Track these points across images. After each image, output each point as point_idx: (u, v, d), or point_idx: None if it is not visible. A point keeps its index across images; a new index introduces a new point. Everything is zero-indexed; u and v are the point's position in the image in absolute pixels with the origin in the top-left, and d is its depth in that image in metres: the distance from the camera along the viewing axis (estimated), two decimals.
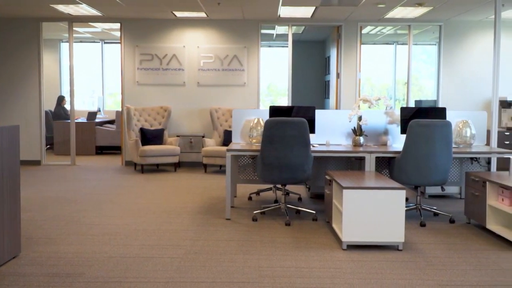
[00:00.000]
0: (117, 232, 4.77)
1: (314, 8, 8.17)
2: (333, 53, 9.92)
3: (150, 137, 8.88)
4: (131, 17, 9.13)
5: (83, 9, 8.41)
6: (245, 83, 9.34)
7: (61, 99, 11.71)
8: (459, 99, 9.24)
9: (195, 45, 9.34)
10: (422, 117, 5.58)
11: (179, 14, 8.84)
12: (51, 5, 8.05)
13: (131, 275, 3.64)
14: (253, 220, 5.28)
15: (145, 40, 9.34)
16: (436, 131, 5.07)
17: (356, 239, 4.29)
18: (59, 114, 11.47)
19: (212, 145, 8.73)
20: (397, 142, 5.97)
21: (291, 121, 5.07)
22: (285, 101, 9.91)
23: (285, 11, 8.45)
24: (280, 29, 10.64)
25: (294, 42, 9.66)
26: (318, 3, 7.75)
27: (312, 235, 4.76)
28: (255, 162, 5.97)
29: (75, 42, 9.70)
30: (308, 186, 6.75)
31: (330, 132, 6.02)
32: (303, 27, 10.84)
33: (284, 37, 9.98)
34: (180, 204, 6.10)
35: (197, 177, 8.23)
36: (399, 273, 3.74)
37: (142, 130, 8.92)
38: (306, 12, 8.51)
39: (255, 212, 5.42)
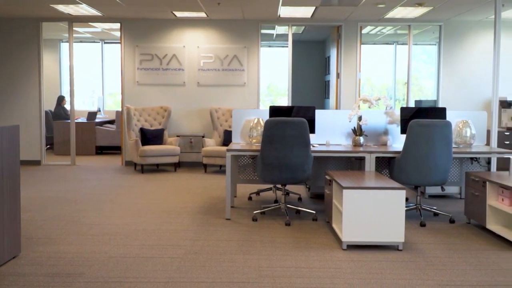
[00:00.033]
0: (117, 232, 4.77)
1: (314, 8, 8.17)
2: (333, 53, 9.92)
3: (150, 137, 8.88)
4: (131, 17, 9.13)
5: (83, 9, 8.41)
6: (245, 83, 9.34)
7: (61, 99, 11.71)
8: (459, 99, 9.24)
9: (195, 45, 9.34)
10: (422, 117, 5.58)
11: (179, 14, 8.84)
12: (51, 5, 8.05)
13: (131, 275, 3.64)
14: (253, 220, 5.28)
15: (145, 40, 9.34)
16: (436, 131, 5.07)
17: (356, 239, 4.30)
18: (59, 114, 11.47)
19: (212, 145, 8.73)
20: (397, 142, 5.97)
21: (291, 121, 5.07)
22: (285, 101, 9.91)
23: (285, 11, 8.45)
24: (280, 29, 10.64)
25: (294, 42, 9.66)
26: (318, 3, 7.75)
27: (312, 235, 4.76)
28: (255, 162, 5.96)
29: (75, 42, 9.70)
30: (308, 186, 6.75)
31: (330, 132, 6.02)
32: (303, 27, 10.84)
33: (284, 37, 9.98)
34: (180, 204, 6.10)
35: (197, 177, 8.23)
36: (399, 273, 3.74)
37: (142, 130, 8.92)
38: (306, 12, 8.51)
39: (255, 212, 5.42)
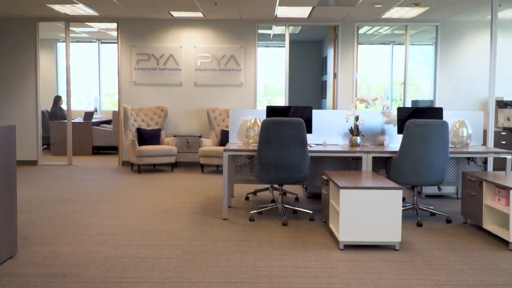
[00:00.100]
0: (113, 232, 4.76)
1: (311, 8, 8.17)
2: (330, 53, 9.93)
3: (147, 137, 8.87)
4: (127, 17, 9.11)
5: (80, 9, 8.39)
6: (242, 83, 9.34)
7: (57, 99, 11.69)
8: (455, 99, 9.26)
9: (192, 45, 9.33)
10: (418, 117, 5.59)
11: (176, 14, 8.83)
12: (48, 5, 8.04)
13: (128, 275, 3.63)
14: (250, 220, 5.27)
15: (142, 40, 9.33)
16: (432, 131, 5.07)
17: (353, 239, 4.30)
18: (55, 114, 11.44)
19: (209, 145, 8.73)
20: (394, 142, 5.98)
21: (288, 121, 5.07)
22: (282, 101, 9.91)
23: (282, 11, 8.46)
24: (277, 29, 10.64)
25: (291, 42, 9.66)
26: (315, 3, 7.76)
27: (309, 235, 4.76)
28: (252, 162, 5.96)
29: (71, 42, 9.68)
30: (305, 186, 6.75)
31: (327, 132, 6.03)
32: (300, 27, 10.84)
33: (281, 37, 9.98)
34: (177, 204, 6.09)
35: (194, 177, 8.22)
36: (396, 273, 3.75)
37: (139, 130, 8.91)
38: (303, 12, 8.51)
39: (252, 212, 5.42)
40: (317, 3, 7.73)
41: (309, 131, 5.77)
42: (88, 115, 11.37)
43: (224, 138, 8.72)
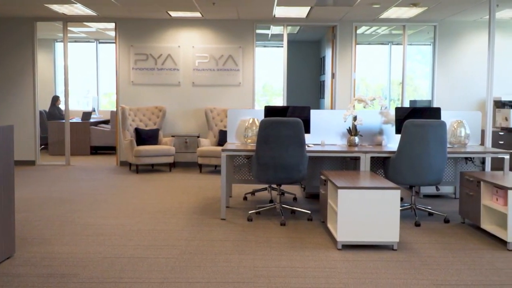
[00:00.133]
0: (111, 233, 4.76)
1: (309, 8, 8.17)
2: (328, 53, 9.94)
3: (145, 137, 8.86)
4: (125, 17, 9.10)
5: (78, 9, 8.38)
6: (240, 83, 9.33)
7: (55, 99, 11.67)
8: (453, 99, 9.27)
9: (190, 45, 9.33)
10: (416, 117, 5.59)
11: (174, 14, 8.82)
12: (46, 4, 8.02)
13: (126, 275, 3.63)
14: (248, 220, 5.27)
15: (140, 40, 9.32)
16: (430, 131, 5.08)
17: (351, 239, 4.30)
18: (53, 114, 11.43)
19: (207, 145, 8.73)
20: (392, 142, 5.99)
21: (286, 121, 5.08)
22: (280, 101, 9.91)
23: (280, 11, 8.46)
24: (275, 29, 10.64)
25: (289, 42, 9.66)
26: (313, 3, 7.76)
27: (307, 235, 4.76)
28: (250, 162, 5.96)
29: (69, 42, 9.66)
30: (303, 186, 6.75)
31: (325, 132, 6.03)
32: (298, 27, 10.84)
33: (279, 37, 9.99)
34: (175, 204, 6.09)
35: (192, 177, 8.21)
36: (394, 272, 3.75)
37: (137, 130, 8.90)
38: (301, 12, 8.51)
39: (250, 212, 5.42)
40: (315, 3, 7.74)
41: (307, 131, 5.76)
42: (86, 115, 11.35)
43: (222, 138, 8.72)
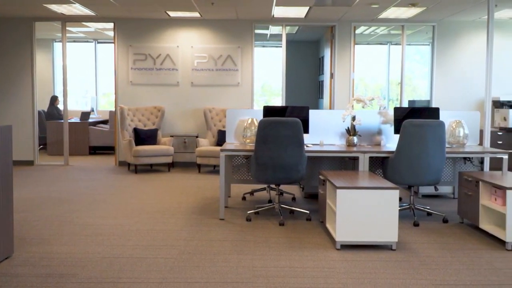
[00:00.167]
0: (110, 233, 4.75)
1: (308, 8, 8.18)
2: (327, 53, 9.94)
3: (144, 137, 8.86)
4: (124, 16, 9.10)
5: (76, 9, 8.38)
6: (239, 83, 9.33)
7: (54, 99, 11.66)
8: (452, 99, 9.28)
9: (188, 45, 9.32)
10: (415, 117, 5.59)
11: (172, 14, 8.82)
12: (44, 4, 8.02)
13: (125, 275, 3.63)
14: (247, 220, 5.27)
15: (138, 40, 9.32)
16: (429, 131, 5.08)
17: (349, 239, 4.30)
18: (52, 114, 11.42)
19: (206, 145, 8.72)
20: (391, 142, 5.99)
21: (285, 121, 5.08)
22: (279, 101, 9.92)
23: (279, 11, 8.46)
24: (274, 29, 10.64)
25: (288, 42, 9.67)
26: (312, 3, 7.76)
27: (306, 235, 4.76)
28: (249, 162, 5.96)
29: (68, 42, 9.66)
30: (302, 186, 6.75)
31: (324, 132, 6.03)
32: (297, 27, 10.84)
33: (278, 37, 9.99)
34: (174, 204, 6.09)
35: (191, 177, 8.21)
36: (392, 272, 3.75)
37: (136, 130, 8.89)
38: (300, 12, 8.52)
39: (249, 212, 5.42)
40: (314, 3, 7.74)
41: (306, 131, 5.77)
42: (85, 115, 11.35)
43: (221, 138, 8.72)
